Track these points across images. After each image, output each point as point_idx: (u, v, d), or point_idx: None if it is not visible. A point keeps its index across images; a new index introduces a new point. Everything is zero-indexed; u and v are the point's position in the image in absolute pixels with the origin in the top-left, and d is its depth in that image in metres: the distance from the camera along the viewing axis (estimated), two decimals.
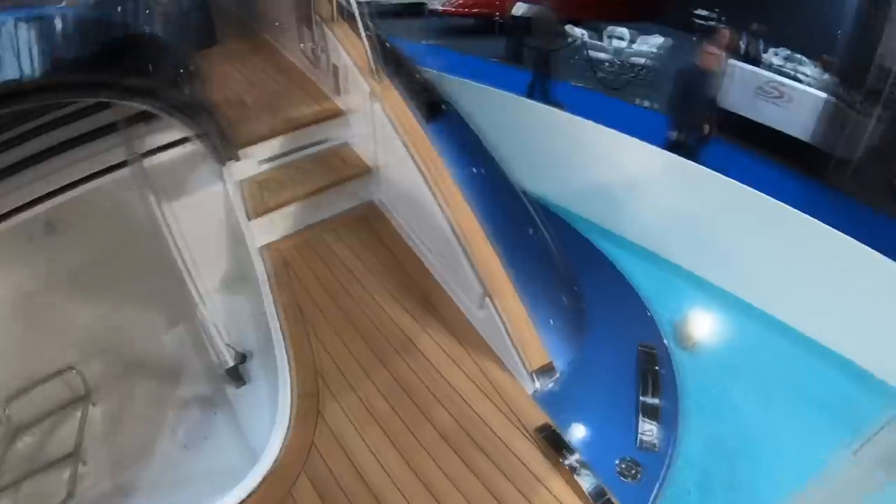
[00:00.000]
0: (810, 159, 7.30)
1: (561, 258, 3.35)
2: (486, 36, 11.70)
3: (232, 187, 3.33)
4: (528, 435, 2.48)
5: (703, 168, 5.17)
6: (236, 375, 3.16)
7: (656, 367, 2.87)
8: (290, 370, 2.73)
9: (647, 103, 9.22)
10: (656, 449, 2.52)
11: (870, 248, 4.19)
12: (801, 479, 3.63)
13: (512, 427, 2.51)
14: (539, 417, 2.54)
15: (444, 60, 9.77)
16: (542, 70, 8.37)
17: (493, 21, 11.76)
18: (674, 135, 5.99)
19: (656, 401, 2.73)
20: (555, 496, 2.28)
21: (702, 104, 6.03)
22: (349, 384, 2.71)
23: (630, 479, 2.38)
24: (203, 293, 3.33)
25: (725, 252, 4.98)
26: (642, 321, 3.26)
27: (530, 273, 2.98)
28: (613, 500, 2.23)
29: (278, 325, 2.94)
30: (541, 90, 8.29)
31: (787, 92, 7.41)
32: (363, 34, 3.24)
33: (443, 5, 12.16)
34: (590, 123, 5.44)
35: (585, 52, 10.20)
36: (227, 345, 3.14)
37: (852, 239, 4.26)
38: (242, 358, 3.23)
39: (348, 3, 3.37)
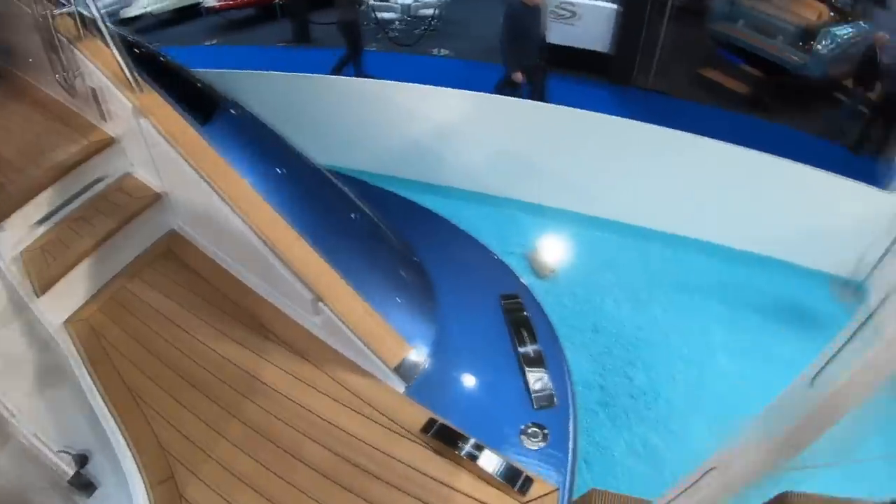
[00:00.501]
0: (614, 69, 7.74)
1: (391, 232, 3.06)
2: (270, 22, 11.25)
3: (7, 265, 2.70)
4: (413, 438, 2.20)
5: (516, 100, 5.20)
6: (82, 483, 2.60)
7: (524, 313, 2.69)
8: (134, 461, 2.27)
9: (444, 52, 9.36)
10: (555, 401, 2.33)
11: (690, 134, 4.43)
12: (695, 364, 3.82)
13: (393, 435, 2.22)
14: (420, 415, 2.26)
15: (228, 57, 9.25)
16: (354, 43, 7.78)
17: (274, 5, 11.22)
18: (519, 76, 5.97)
19: (536, 347, 2.55)
20: (465, 494, 2.03)
21: (534, 41, 6.10)
22: (204, 453, 2.29)
23: (540, 441, 2.17)
24: (11, 405, 2.69)
25: (560, 174, 5.04)
26: (495, 270, 3.06)
27: (361, 259, 2.68)
28: (530, 474, 2.03)
29: (106, 411, 2.45)
30: (353, 64, 7.84)
31: (578, 10, 7.69)
32: (112, 45, 2.70)
33: (218, 1, 11.30)
34: (394, 84, 5.21)
35: (373, 15, 10.08)
36: (60, 452, 2.58)
37: (673, 130, 4.47)
38: (83, 460, 2.65)
39: (91, 14, 2.80)
